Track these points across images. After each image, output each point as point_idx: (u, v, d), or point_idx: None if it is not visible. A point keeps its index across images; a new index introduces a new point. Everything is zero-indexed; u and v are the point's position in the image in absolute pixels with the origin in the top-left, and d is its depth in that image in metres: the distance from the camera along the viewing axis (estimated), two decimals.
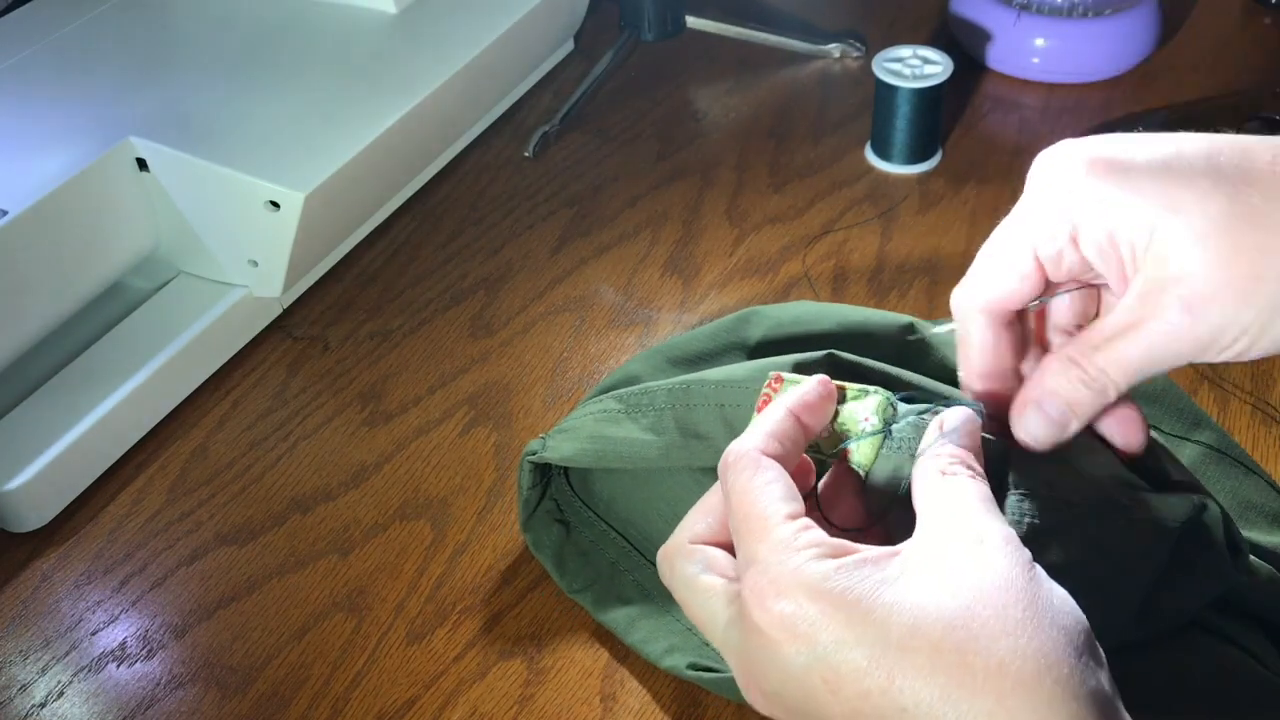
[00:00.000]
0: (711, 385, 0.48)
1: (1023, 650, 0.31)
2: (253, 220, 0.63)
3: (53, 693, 0.52)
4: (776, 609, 0.33)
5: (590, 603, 0.52)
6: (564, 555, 0.53)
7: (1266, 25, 0.89)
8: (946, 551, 0.34)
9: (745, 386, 0.47)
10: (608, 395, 0.51)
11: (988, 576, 0.33)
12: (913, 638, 0.32)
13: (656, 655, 0.49)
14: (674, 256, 0.72)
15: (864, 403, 0.40)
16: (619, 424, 0.49)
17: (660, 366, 0.56)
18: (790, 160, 0.79)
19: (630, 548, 0.53)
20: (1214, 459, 0.53)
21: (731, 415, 0.47)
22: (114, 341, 0.64)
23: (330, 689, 0.51)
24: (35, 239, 0.59)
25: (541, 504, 0.54)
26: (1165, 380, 0.56)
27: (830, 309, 0.56)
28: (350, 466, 0.61)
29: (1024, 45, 0.83)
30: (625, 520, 0.54)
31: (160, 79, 0.69)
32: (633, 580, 0.52)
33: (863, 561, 0.34)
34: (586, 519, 0.54)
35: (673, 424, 0.48)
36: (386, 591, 0.55)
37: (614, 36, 0.90)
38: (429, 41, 0.73)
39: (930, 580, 0.33)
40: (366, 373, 0.66)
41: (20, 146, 0.63)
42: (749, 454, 0.37)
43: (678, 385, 0.49)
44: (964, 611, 0.32)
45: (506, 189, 0.78)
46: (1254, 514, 0.51)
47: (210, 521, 0.59)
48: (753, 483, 0.37)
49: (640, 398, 0.50)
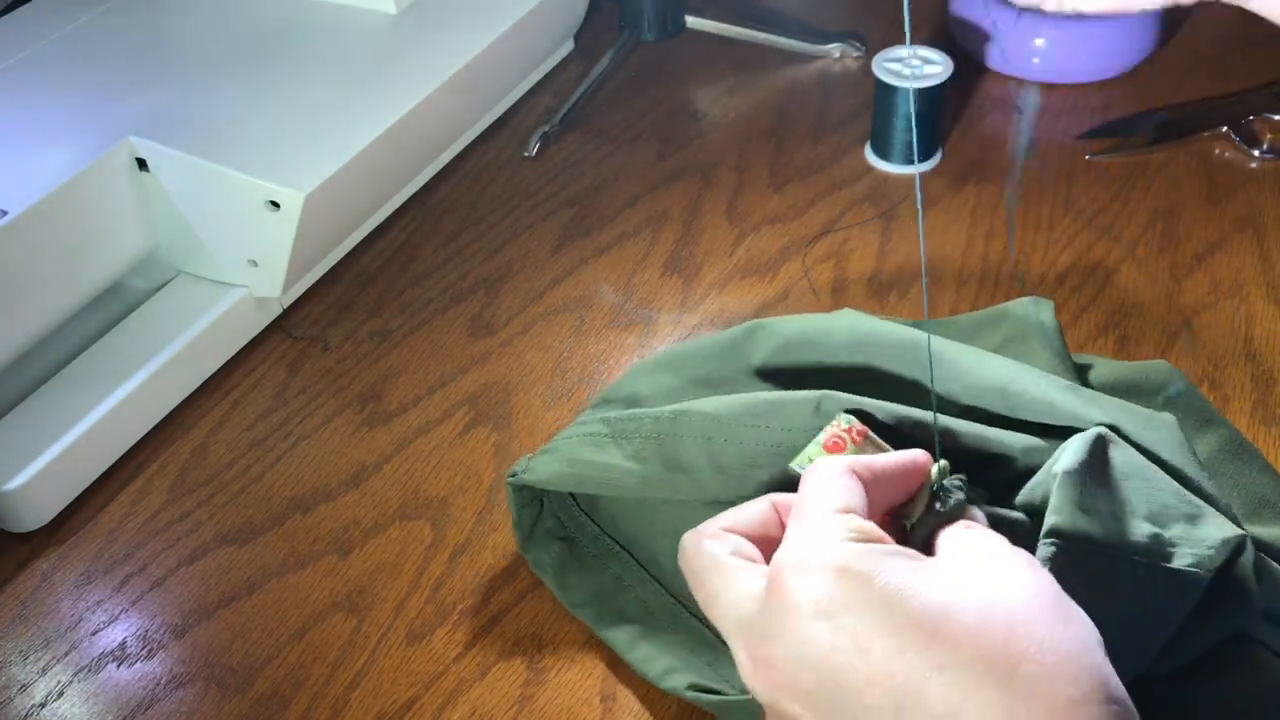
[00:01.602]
0: (700, 418, 0.47)
1: (1059, 646, 0.31)
2: (253, 220, 0.63)
3: (53, 693, 0.52)
4: (813, 575, 0.34)
5: (591, 618, 0.51)
6: (565, 570, 0.53)
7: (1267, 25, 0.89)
8: (977, 564, 0.35)
9: (734, 423, 0.46)
10: (598, 417, 0.50)
11: (1021, 582, 0.34)
12: (946, 619, 0.32)
13: (656, 675, 0.48)
14: (674, 256, 0.72)
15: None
16: (603, 448, 0.49)
17: (666, 384, 0.55)
18: (790, 160, 0.79)
19: (635, 563, 0.53)
20: (1229, 455, 0.53)
21: (718, 450, 0.46)
22: (114, 341, 0.64)
23: (330, 689, 0.51)
24: (35, 239, 0.59)
25: (539, 523, 0.53)
26: (1184, 382, 0.56)
27: (839, 322, 0.55)
28: (350, 466, 0.61)
29: (1024, 45, 0.83)
30: (630, 538, 0.53)
31: (160, 79, 0.69)
32: (635, 596, 0.51)
33: (913, 557, 0.35)
34: (591, 533, 0.54)
35: (656, 454, 0.48)
36: (386, 591, 0.55)
37: (614, 36, 0.90)
38: (429, 41, 0.73)
39: (965, 580, 0.34)
40: (366, 373, 0.66)
41: (20, 146, 0.63)
42: (838, 463, 0.39)
43: (665, 415, 0.48)
44: (1003, 606, 0.33)
45: (506, 189, 0.78)
46: (1268, 510, 0.51)
47: (210, 521, 0.59)
48: (832, 482, 0.38)
49: (627, 423, 0.49)
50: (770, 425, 0.46)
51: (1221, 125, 0.77)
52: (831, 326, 0.54)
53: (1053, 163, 0.76)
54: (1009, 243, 0.67)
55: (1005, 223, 0.72)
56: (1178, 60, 0.86)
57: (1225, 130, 0.76)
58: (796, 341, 0.54)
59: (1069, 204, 0.73)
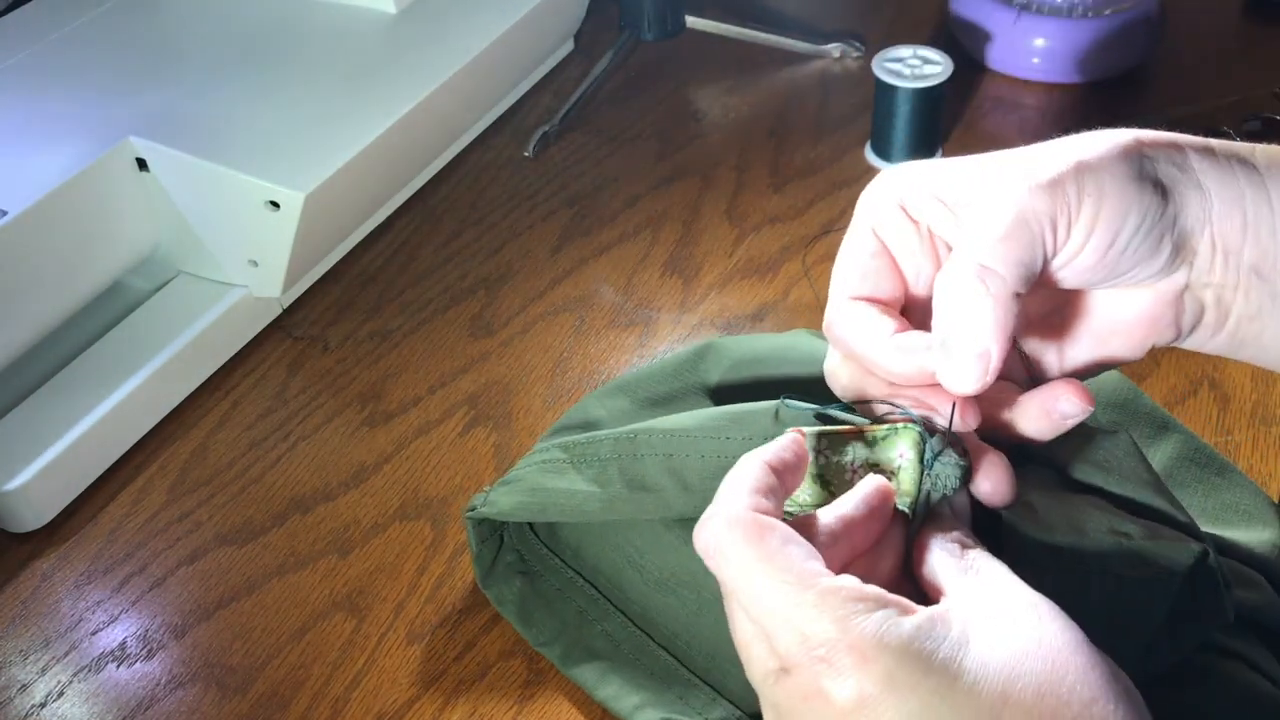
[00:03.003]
0: (659, 435, 0.46)
1: (1114, 714, 0.30)
2: (253, 220, 0.63)
3: (53, 693, 0.52)
4: (847, 677, 0.30)
5: (558, 656, 0.50)
6: (528, 607, 0.51)
7: (1266, 25, 0.89)
8: (1007, 614, 0.32)
9: (694, 437, 0.45)
10: (554, 444, 0.49)
11: (1061, 638, 0.31)
12: (1005, 705, 0.30)
13: (628, 712, 0.48)
14: (674, 256, 0.72)
15: (897, 441, 0.38)
16: (563, 475, 0.48)
17: (620, 407, 0.54)
18: (790, 160, 0.79)
19: (599, 595, 0.51)
20: (1187, 461, 0.52)
21: (679, 466, 0.45)
22: (114, 341, 0.64)
23: (330, 689, 0.51)
24: (35, 239, 0.59)
25: (500, 556, 0.52)
26: (1129, 388, 0.55)
27: (795, 343, 0.54)
28: (350, 466, 0.61)
29: (1024, 45, 0.83)
30: (593, 568, 0.52)
31: (160, 79, 0.69)
32: (601, 630, 0.50)
33: (933, 620, 0.31)
34: (553, 565, 0.52)
35: (618, 475, 0.47)
36: (386, 591, 0.55)
37: (614, 36, 0.90)
38: (429, 41, 0.73)
39: (1005, 643, 0.31)
40: (366, 373, 0.66)
41: (20, 146, 0.63)
42: (743, 518, 0.33)
43: (624, 435, 0.47)
44: (1050, 675, 0.30)
45: (506, 189, 0.78)
46: (1231, 514, 0.50)
47: (210, 521, 0.59)
48: (764, 550, 0.32)
49: (585, 448, 0.48)
50: (731, 436, 0.45)
51: (1221, 126, 0.77)
52: (785, 350, 0.54)
53: None
54: None
55: None
56: (1178, 60, 0.86)
57: (1225, 130, 0.76)
58: (749, 363, 0.54)
59: None
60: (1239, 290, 0.37)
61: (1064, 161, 0.35)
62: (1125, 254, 0.36)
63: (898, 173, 0.39)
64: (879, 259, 0.39)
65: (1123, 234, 0.35)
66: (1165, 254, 0.36)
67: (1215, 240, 0.37)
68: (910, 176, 0.38)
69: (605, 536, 0.52)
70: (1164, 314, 0.38)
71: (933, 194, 0.38)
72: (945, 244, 0.39)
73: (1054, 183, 0.35)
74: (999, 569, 0.34)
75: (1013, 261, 0.35)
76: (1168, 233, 0.36)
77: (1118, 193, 0.35)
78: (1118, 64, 0.84)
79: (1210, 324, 0.39)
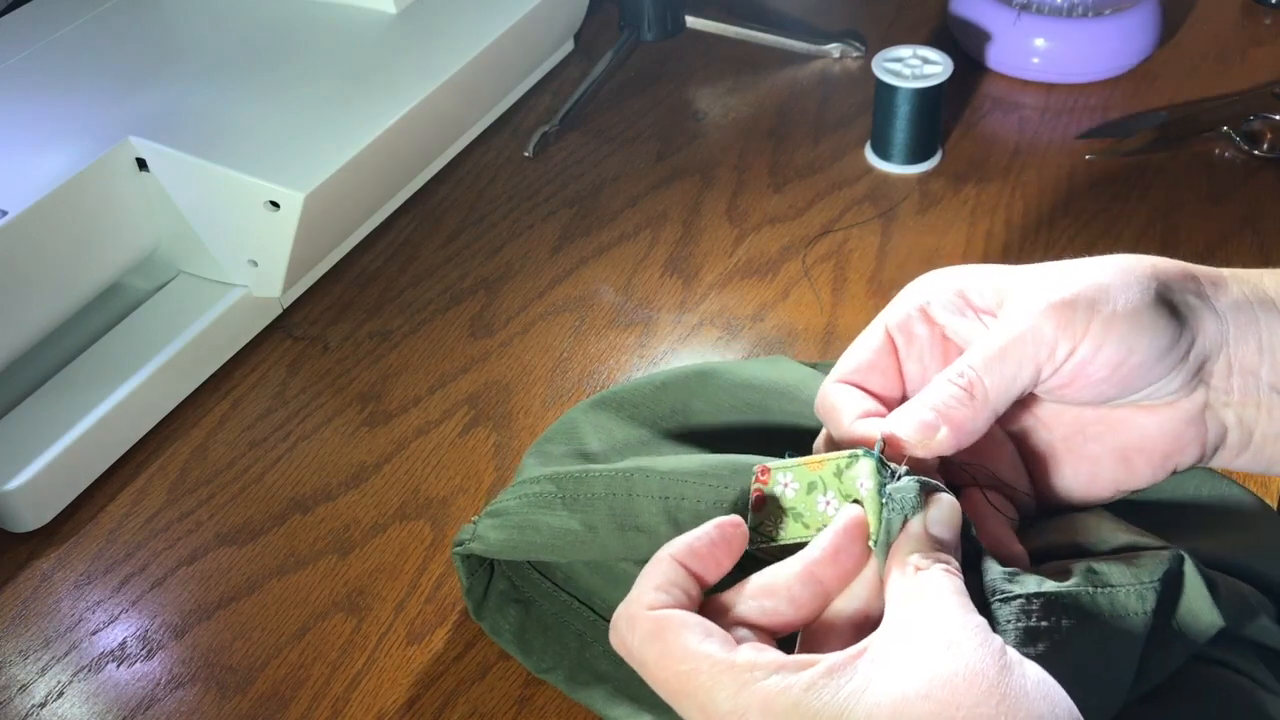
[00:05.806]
0: (656, 476, 0.45)
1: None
2: (252, 220, 0.63)
3: (53, 693, 0.52)
4: None
5: (563, 681, 0.49)
6: (526, 635, 0.51)
7: (1266, 25, 0.89)
8: (916, 649, 0.33)
9: (693, 482, 0.45)
10: (544, 475, 0.48)
11: (960, 671, 0.32)
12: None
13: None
14: (674, 256, 0.72)
15: (857, 471, 0.39)
16: (553, 511, 0.47)
17: (606, 425, 0.53)
18: (790, 160, 0.79)
19: (597, 618, 0.50)
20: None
21: (674, 509, 0.45)
22: (114, 341, 0.64)
23: (330, 689, 0.51)
24: (35, 239, 0.59)
25: (491, 585, 0.52)
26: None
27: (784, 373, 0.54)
28: (350, 466, 0.61)
29: (1024, 45, 0.83)
30: (588, 591, 0.51)
31: (160, 79, 0.69)
32: (604, 651, 0.49)
33: (830, 671, 0.33)
34: (546, 591, 0.51)
35: (609, 515, 0.46)
36: (386, 591, 0.55)
37: (614, 36, 0.90)
38: (429, 41, 0.73)
39: (900, 681, 0.32)
40: (366, 373, 0.66)
41: (20, 146, 0.63)
42: (638, 616, 0.36)
43: (620, 473, 0.46)
44: (937, 713, 0.31)
45: (506, 189, 0.78)
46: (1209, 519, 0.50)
47: (210, 521, 0.59)
48: (660, 645, 0.35)
49: (578, 486, 0.47)
50: (730, 486, 0.45)
51: (1221, 125, 0.77)
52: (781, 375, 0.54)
53: (1053, 163, 0.76)
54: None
55: (1005, 223, 0.72)
56: (1178, 60, 0.86)
57: (1225, 130, 0.76)
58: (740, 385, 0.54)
59: (1069, 204, 0.73)
60: (1260, 409, 0.39)
61: (1081, 281, 0.38)
62: (1139, 371, 0.38)
63: (931, 276, 0.43)
64: (880, 355, 0.43)
65: (1136, 352, 0.37)
66: (1183, 374, 0.38)
67: (1232, 361, 0.39)
68: (940, 280, 0.42)
69: (598, 560, 0.50)
70: (1185, 432, 0.40)
71: (959, 292, 0.41)
72: (958, 347, 0.42)
73: (1066, 303, 0.38)
74: (944, 591, 0.35)
75: (998, 374, 0.39)
76: (1185, 353, 0.38)
77: (1131, 313, 0.37)
78: (1118, 64, 0.84)
79: (1234, 444, 0.40)
